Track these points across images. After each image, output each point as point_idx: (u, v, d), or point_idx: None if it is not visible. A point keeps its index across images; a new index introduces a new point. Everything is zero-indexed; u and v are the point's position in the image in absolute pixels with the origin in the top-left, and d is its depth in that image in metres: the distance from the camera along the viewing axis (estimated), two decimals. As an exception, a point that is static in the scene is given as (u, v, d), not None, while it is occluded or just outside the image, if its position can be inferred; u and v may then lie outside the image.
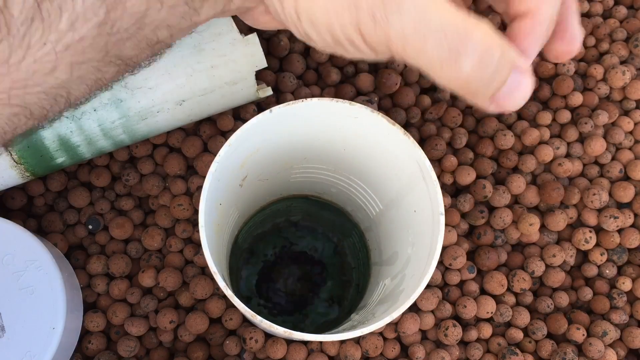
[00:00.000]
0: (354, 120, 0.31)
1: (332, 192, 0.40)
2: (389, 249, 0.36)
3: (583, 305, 0.40)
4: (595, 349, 0.37)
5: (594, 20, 0.44)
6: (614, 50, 0.43)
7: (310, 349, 0.37)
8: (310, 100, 0.30)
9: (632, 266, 0.40)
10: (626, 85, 0.42)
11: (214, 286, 0.37)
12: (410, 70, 0.42)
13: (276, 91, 0.42)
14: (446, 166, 0.40)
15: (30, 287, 0.33)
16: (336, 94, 0.42)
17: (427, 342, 0.38)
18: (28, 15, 0.20)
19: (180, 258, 0.38)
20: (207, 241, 0.28)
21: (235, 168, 0.32)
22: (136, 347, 0.37)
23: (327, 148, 0.34)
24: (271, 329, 0.28)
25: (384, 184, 0.35)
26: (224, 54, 0.35)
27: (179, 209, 0.38)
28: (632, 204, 0.41)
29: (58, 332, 0.33)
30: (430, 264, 0.29)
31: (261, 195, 0.39)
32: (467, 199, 0.40)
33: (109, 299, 0.38)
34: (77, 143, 0.35)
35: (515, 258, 0.40)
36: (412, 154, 0.30)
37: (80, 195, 0.39)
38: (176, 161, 0.39)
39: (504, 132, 0.41)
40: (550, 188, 0.39)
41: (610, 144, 0.42)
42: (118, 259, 0.38)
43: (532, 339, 0.39)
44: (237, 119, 0.40)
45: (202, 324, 0.36)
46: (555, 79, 0.42)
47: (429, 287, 0.38)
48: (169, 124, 0.37)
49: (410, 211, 0.33)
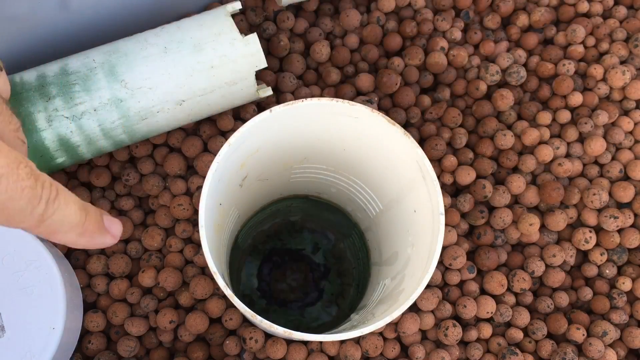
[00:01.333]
0: (354, 120, 0.31)
1: (332, 192, 0.40)
2: (389, 249, 0.36)
3: (583, 305, 0.40)
4: (595, 349, 0.37)
5: (594, 20, 0.44)
6: (614, 50, 0.43)
7: (310, 349, 0.37)
8: (310, 100, 0.30)
9: (632, 266, 0.40)
10: (626, 85, 0.42)
11: (214, 286, 0.37)
12: (410, 70, 0.42)
13: (276, 91, 0.42)
14: (446, 166, 0.40)
15: (30, 287, 0.33)
16: (336, 94, 0.42)
17: (427, 342, 0.38)
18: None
19: (180, 258, 0.38)
20: (207, 241, 0.28)
21: (235, 168, 0.32)
22: (136, 347, 0.37)
23: (327, 148, 0.34)
24: (271, 329, 0.28)
25: (384, 184, 0.35)
26: (224, 54, 0.35)
27: (179, 209, 0.38)
28: (632, 204, 0.41)
29: (58, 332, 0.33)
30: (430, 264, 0.29)
31: (261, 195, 0.39)
32: (467, 199, 0.40)
33: (109, 299, 0.38)
34: (77, 143, 0.35)
35: (515, 258, 0.40)
36: (412, 154, 0.30)
37: (80, 195, 0.39)
38: (176, 161, 0.39)
39: (504, 132, 0.41)
40: (550, 188, 0.39)
41: (610, 144, 0.42)
42: (118, 258, 0.38)
43: (532, 339, 0.39)
44: (237, 119, 0.40)
45: (202, 324, 0.36)
46: (555, 79, 0.42)
47: (429, 287, 0.38)
48: (169, 124, 0.37)
49: (410, 211, 0.33)
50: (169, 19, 0.38)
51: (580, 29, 0.43)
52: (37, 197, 0.20)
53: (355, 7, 0.44)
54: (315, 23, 0.44)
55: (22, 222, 0.20)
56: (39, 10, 0.36)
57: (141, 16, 0.40)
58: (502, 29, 0.45)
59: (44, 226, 0.21)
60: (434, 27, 0.43)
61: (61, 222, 0.21)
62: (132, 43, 0.35)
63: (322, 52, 0.42)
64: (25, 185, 0.20)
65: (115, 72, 0.34)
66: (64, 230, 0.22)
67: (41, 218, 0.21)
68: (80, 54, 0.36)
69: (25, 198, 0.20)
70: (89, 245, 0.23)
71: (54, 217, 0.21)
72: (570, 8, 0.45)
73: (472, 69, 0.43)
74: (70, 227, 0.22)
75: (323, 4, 0.44)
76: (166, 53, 0.35)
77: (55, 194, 0.21)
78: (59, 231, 0.22)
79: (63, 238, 0.22)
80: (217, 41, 0.35)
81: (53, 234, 0.22)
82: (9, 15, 0.34)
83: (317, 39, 0.43)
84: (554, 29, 0.44)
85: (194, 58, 0.35)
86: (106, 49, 0.35)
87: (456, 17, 0.44)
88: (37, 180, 0.20)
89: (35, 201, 0.20)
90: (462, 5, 0.44)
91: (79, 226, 0.22)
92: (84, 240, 0.23)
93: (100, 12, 0.38)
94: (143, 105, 0.35)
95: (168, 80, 0.35)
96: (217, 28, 0.35)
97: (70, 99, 0.34)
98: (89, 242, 0.23)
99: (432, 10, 0.44)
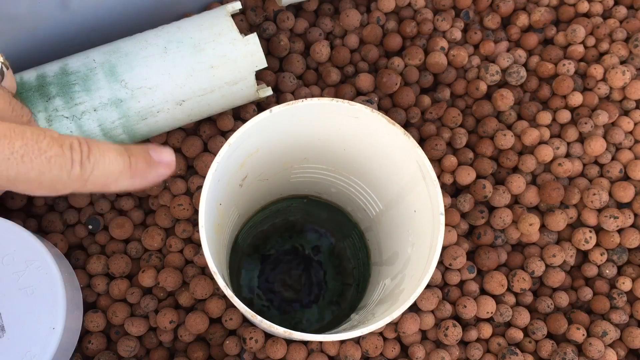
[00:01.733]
0: (354, 120, 0.31)
1: (332, 192, 0.40)
2: (389, 249, 0.36)
3: (583, 305, 0.40)
4: (595, 349, 0.37)
5: (594, 20, 0.44)
6: (614, 50, 0.43)
7: (310, 349, 0.37)
8: (310, 100, 0.30)
9: (632, 266, 0.40)
10: (626, 85, 0.42)
11: (214, 286, 0.37)
12: (410, 70, 0.42)
13: (276, 91, 0.42)
14: (446, 166, 0.40)
15: (30, 287, 0.33)
16: (336, 94, 0.42)
17: (427, 342, 0.38)
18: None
19: (180, 258, 0.38)
20: (207, 241, 0.28)
21: (235, 168, 0.32)
22: (136, 347, 0.37)
23: (327, 148, 0.34)
24: (271, 329, 0.28)
25: (384, 184, 0.35)
26: (224, 54, 0.35)
27: (179, 209, 0.38)
28: (632, 204, 0.41)
29: (58, 332, 0.33)
30: (430, 264, 0.29)
31: (261, 195, 0.39)
32: (467, 199, 0.40)
33: (109, 299, 0.38)
34: (77, 143, 0.35)
35: (515, 258, 0.40)
36: (412, 154, 0.30)
37: (80, 195, 0.39)
38: (176, 161, 0.39)
39: (504, 132, 0.41)
40: (550, 188, 0.39)
41: (610, 144, 0.42)
42: (118, 259, 0.38)
43: (532, 339, 0.39)
44: (237, 119, 0.40)
45: (202, 324, 0.36)
46: (555, 79, 0.42)
47: (429, 287, 0.38)
48: (169, 124, 0.37)
49: (410, 211, 0.33)
50: (169, 19, 0.38)
51: (580, 29, 0.43)
52: (69, 161, 0.20)
53: (355, 7, 0.44)
54: (315, 23, 0.44)
55: (67, 188, 0.20)
56: (39, 10, 0.36)
57: (141, 16, 0.40)
58: (502, 29, 0.45)
59: (91, 183, 0.21)
60: (434, 27, 0.43)
61: (105, 174, 0.21)
62: (132, 43, 0.35)
63: (322, 52, 0.42)
64: (51, 155, 0.20)
65: (115, 72, 0.34)
66: (113, 179, 0.21)
67: (82, 178, 0.20)
68: (80, 54, 0.36)
69: (56, 167, 0.20)
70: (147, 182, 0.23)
71: (95, 172, 0.21)
72: (570, 8, 0.45)
73: (472, 69, 0.43)
74: (119, 173, 0.21)
75: (323, 4, 0.44)
76: (166, 53, 0.35)
77: (87, 150, 0.21)
78: (109, 182, 0.21)
79: (117, 186, 0.22)
80: (217, 41, 0.35)
81: (106, 187, 0.21)
82: (9, 15, 0.35)
83: (317, 39, 0.43)
84: (554, 29, 0.44)
85: (194, 58, 0.35)
86: (106, 49, 0.35)
87: (456, 17, 0.44)
88: (63, 146, 0.20)
89: (68, 165, 0.20)
90: (462, 5, 0.44)
91: (127, 170, 0.22)
92: (138, 180, 0.22)
93: (100, 12, 0.38)
94: (143, 105, 0.35)
95: (168, 80, 0.35)
96: (217, 28, 0.35)
97: (70, 99, 0.34)
98: (144, 180, 0.23)
99: (432, 10, 0.44)
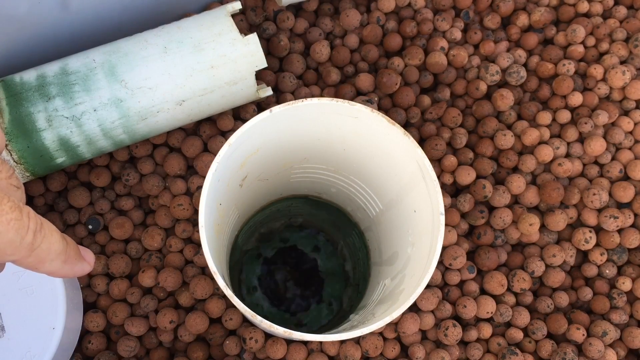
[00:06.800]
0: (354, 120, 0.31)
1: (332, 192, 0.40)
2: (389, 249, 0.36)
3: (583, 305, 0.40)
4: (595, 349, 0.37)
5: (594, 20, 0.44)
6: (614, 50, 0.43)
7: (310, 349, 0.37)
8: (310, 100, 0.30)
9: (632, 266, 0.40)
10: (626, 85, 0.42)
11: (214, 286, 0.37)
12: (410, 70, 0.42)
13: (276, 91, 0.42)
14: (446, 166, 0.40)
15: (30, 287, 0.33)
16: (336, 94, 0.42)
17: (427, 342, 0.38)
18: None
19: (180, 258, 0.38)
20: (207, 241, 0.28)
21: (235, 168, 0.32)
22: (136, 347, 0.37)
23: (327, 148, 0.34)
24: (271, 329, 0.28)
25: (384, 184, 0.35)
26: (224, 54, 0.35)
27: (179, 209, 0.38)
28: (632, 204, 0.41)
29: (58, 332, 0.33)
30: (430, 264, 0.29)
31: (261, 195, 0.39)
32: (467, 199, 0.40)
33: (109, 299, 0.38)
34: (77, 143, 0.35)
35: (515, 258, 0.40)
36: (412, 154, 0.30)
37: (80, 195, 0.39)
38: (176, 161, 0.39)
39: (504, 132, 0.41)
40: (550, 188, 0.39)
41: (610, 144, 0.42)
42: (118, 259, 0.38)
43: (532, 339, 0.39)
44: (237, 119, 0.40)
45: (202, 324, 0.36)
46: (555, 79, 0.42)
47: (429, 287, 0.38)
48: (169, 124, 0.37)
49: (410, 211, 0.33)
50: (169, 19, 0.38)
51: (580, 29, 0.43)
52: (25, 228, 0.21)
53: (355, 7, 0.44)
54: (315, 23, 0.44)
55: (14, 254, 0.21)
56: (39, 10, 0.36)
57: (141, 16, 0.40)
58: (502, 29, 0.45)
59: (34, 255, 0.22)
60: (434, 27, 0.43)
61: (48, 250, 0.22)
62: (132, 43, 0.35)
63: (322, 52, 0.42)
64: (11, 218, 0.20)
65: (115, 72, 0.34)
66: (51, 258, 0.22)
67: (31, 247, 0.21)
68: (80, 54, 0.36)
69: (12, 230, 0.20)
70: (71, 273, 0.24)
71: (42, 245, 0.22)
72: (570, 8, 0.45)
73: (472, 69, 0.43)
74: (56, 254, 0.22)
75: (323, 4, 0.44)
76: (166, 53, 0.35)
77: (40, 223, 0.22)
78: (46, 259, 0.22)
79: (49, 267, 0.23)
80: (217, 41, 0.35)
81: (41, 264, 0.22)
82: (9, 15, 0.35)
83: (317, 39, 0.43)
84: (554, 29, 0.44)
85: (194, 58, 0.35)
86: (106, 49, 0.35)
87: (456, 17, 0.44)
88: (22, 212, 0.21)
89: (24, 231, 0.21)
90: (462, 5, 0.44)
91: (63, 253, 0.23)
92: (68, 267, 0.23)
93: (100, 12, 0.38)
94: (143, 105, 0.35)
95: (168, 80, 0.35)
96: (217, 28, 0.35)
97: (70, 99, 0.34)
98: (71, 269, 0.23)
99: (432, 10, 0.44)
